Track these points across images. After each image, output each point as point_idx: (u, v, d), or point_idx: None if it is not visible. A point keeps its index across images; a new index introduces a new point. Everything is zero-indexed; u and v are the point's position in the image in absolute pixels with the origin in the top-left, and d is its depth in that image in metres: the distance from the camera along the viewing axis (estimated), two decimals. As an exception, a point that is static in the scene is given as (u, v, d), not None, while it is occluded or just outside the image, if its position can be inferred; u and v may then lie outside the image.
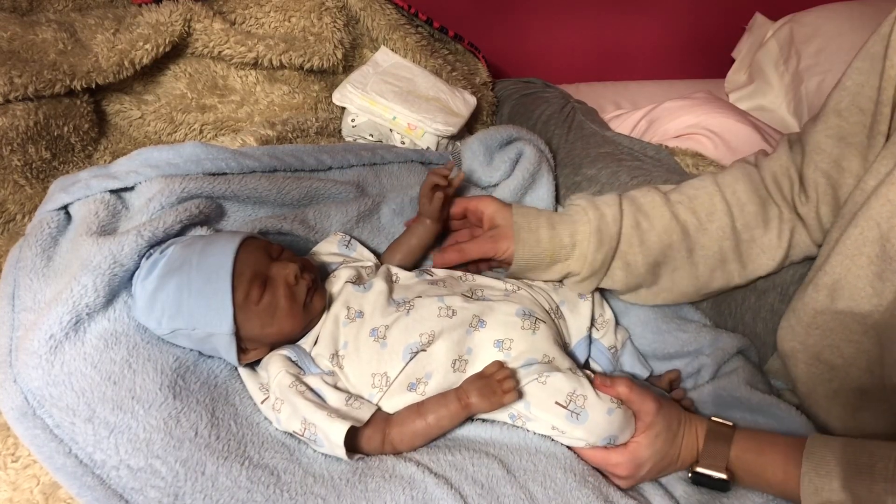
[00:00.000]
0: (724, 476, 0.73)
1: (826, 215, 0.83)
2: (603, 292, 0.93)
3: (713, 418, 0.76)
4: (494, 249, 0.87)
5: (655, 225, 0.87)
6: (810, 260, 0.86)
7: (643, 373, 0.89)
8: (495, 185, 1.03)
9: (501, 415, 0.76)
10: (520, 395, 0.74)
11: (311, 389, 0.73)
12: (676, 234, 0.87)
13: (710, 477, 0.73)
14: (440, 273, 0.88)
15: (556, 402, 0.73)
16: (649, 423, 0.73)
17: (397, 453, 0.73)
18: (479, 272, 0.92)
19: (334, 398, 0.72)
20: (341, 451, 0.69)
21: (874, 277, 0.71)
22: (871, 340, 0.72)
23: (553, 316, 0.85)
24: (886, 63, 0.73)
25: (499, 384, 0.72)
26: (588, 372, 0.79)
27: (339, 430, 0.68)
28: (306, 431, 0.70)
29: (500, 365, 0.74)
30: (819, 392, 0.79)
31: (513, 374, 0.74)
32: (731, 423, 0.75)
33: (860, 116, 0.77)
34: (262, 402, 0.74)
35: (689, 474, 0.75)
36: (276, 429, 0.73)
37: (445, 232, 0.96)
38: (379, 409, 0.74)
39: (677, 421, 0.75)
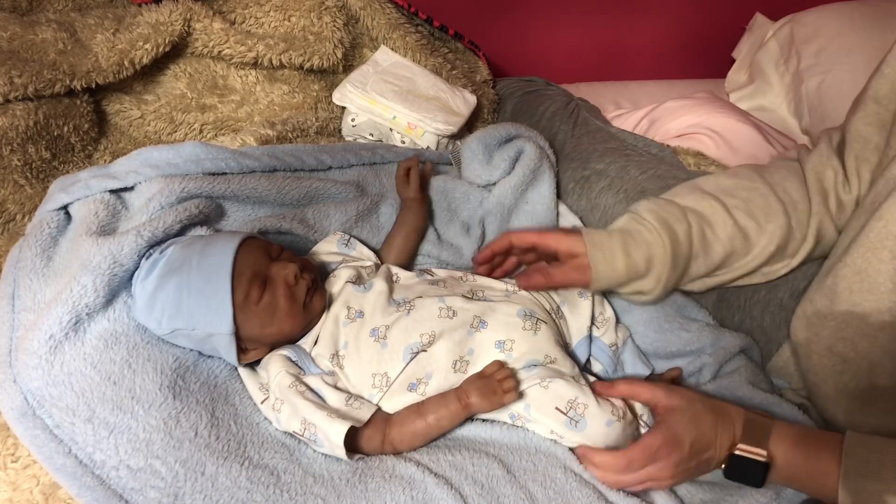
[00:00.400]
0: (764, 458, 0.70)
1: None
2: (603, 291, 0.93)
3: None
4: (583, 280, 0.84)
5: (719, 234, 0.86)
6: (825, 257, 0.86)
7: (644, 371, 0.89)
8: (495, 184, 1.03)
9: (502, 415, 0.75)
10: (520, 395, 0.74)
11: (311, 389, 0.73)
12: (739, 241, 0.86)
13: (749, 462, 0.70)
14: (441, 273, 0.88)
15: (557, 408, 0.73)
16: (667, 405, 0.72)
17: (397, 453, 0.73)
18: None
19: (334, 398, 0.72)
20: (341, 452, 0.69)
21: (895, 273, 0.70)
22: (888, 336, 0.72)
23: (554, 316, 0.85)
24: None
25: (499, 384, 0.72)
26: (592, 379, 0.79)
27: (339, 430, 0.68)
28: (306, 431, 0.70)
29: (500, 365, 0.74)
30: (829, 384, 0.78)
31: (513, 374, 0.74)
32: (768, 414, 0.74)
33: None
34: (262, 403, 0.74)
35: (723, 466, 0.72)
36: (276, 429, 0.73)
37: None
38: (379, 410, 0.74)
39: (699, 401, 0.73)
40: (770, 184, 0.88)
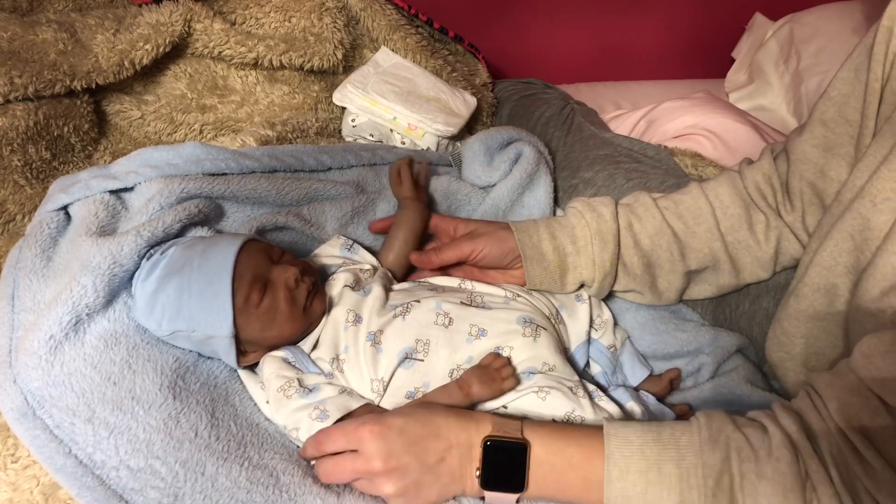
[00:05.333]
0: (519, 438, 0.64)
1: (812, 224, 0.83)
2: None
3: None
4: (472, 247, 0.87)
5: (647, 226, 0.88)
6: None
7: (643, 372, 0.89)
8: (493, 186, 1.03)
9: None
10: (518, 381, 0.74)
11: (307, 388, 0.73)
12: (668, 236, 0.88)
13: (505, 448, 0.64)
14: (438, 281, 0.88)
15: (553, 420, 0.73)
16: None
17: None
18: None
19: (329, 390, 0.73)
20: None
21: (851, 285, 0.71)
22: (851, 342, 0.73)
23: (553, 321, 0.85)
24: (870, 76, 0.72)
25: (497, 372, 0.73)
26: (591, 386, 0.79)
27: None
28: (293, 432, 0.71)
29: (496, 355, 0.75)
30: None
31: (510, 363, 0.75)
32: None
33: (847, 127, 0.77)
34: (267, 403, 0.74)
35: (478, 472, 0.65)
36: (276, 429, 0.74)
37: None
38: (371, 404, 0.75)
39: (419, 409, 0.68)
40: (703, 189, 0.90)
